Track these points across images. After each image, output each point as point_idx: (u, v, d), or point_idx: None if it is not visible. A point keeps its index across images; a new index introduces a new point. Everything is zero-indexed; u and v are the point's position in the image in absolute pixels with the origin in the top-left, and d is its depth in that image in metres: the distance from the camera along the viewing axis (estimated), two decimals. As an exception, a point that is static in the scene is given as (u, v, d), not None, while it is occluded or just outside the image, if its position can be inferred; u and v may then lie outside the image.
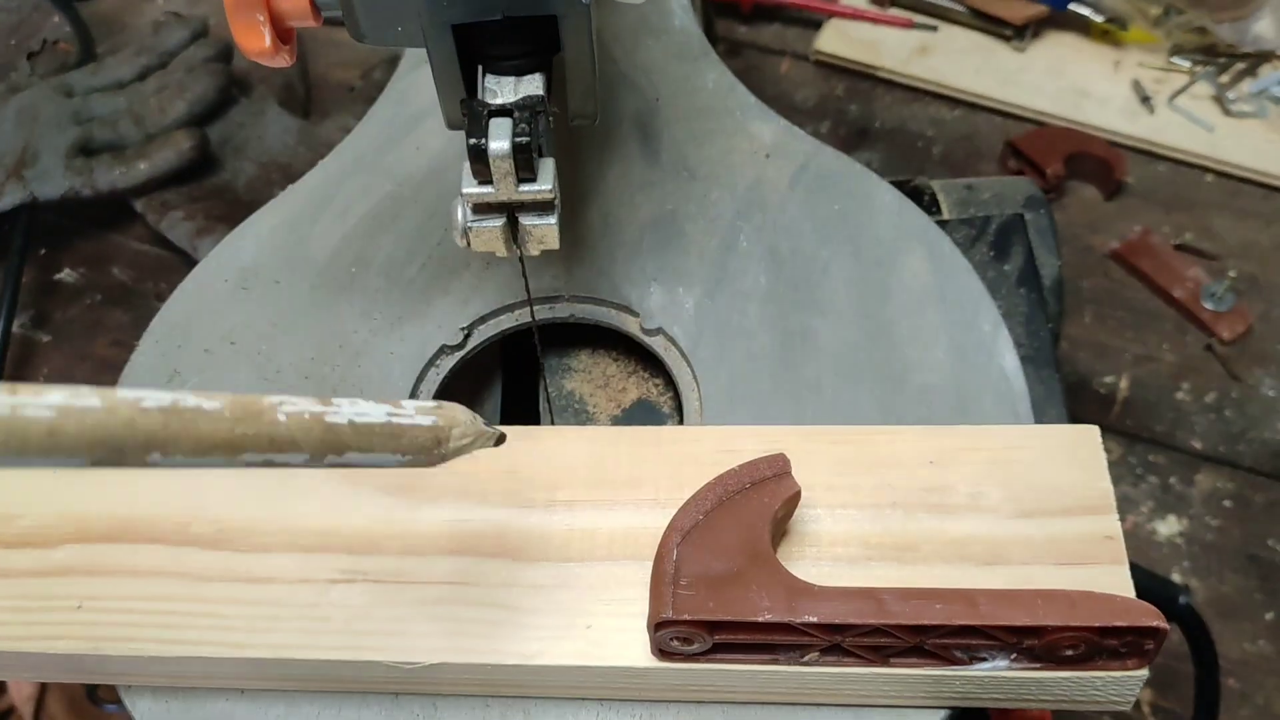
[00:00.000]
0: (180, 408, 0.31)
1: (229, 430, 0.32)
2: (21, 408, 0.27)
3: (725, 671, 0.45)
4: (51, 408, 0.28)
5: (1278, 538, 0.83)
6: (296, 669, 0.48)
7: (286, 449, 0.33)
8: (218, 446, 0.32)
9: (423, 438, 0.37)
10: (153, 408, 0.30)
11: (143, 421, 0.30)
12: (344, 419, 0.35)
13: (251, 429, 0.32)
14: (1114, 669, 0.44)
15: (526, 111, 0.46)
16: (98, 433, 0.29)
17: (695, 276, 0.62)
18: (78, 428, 0.28)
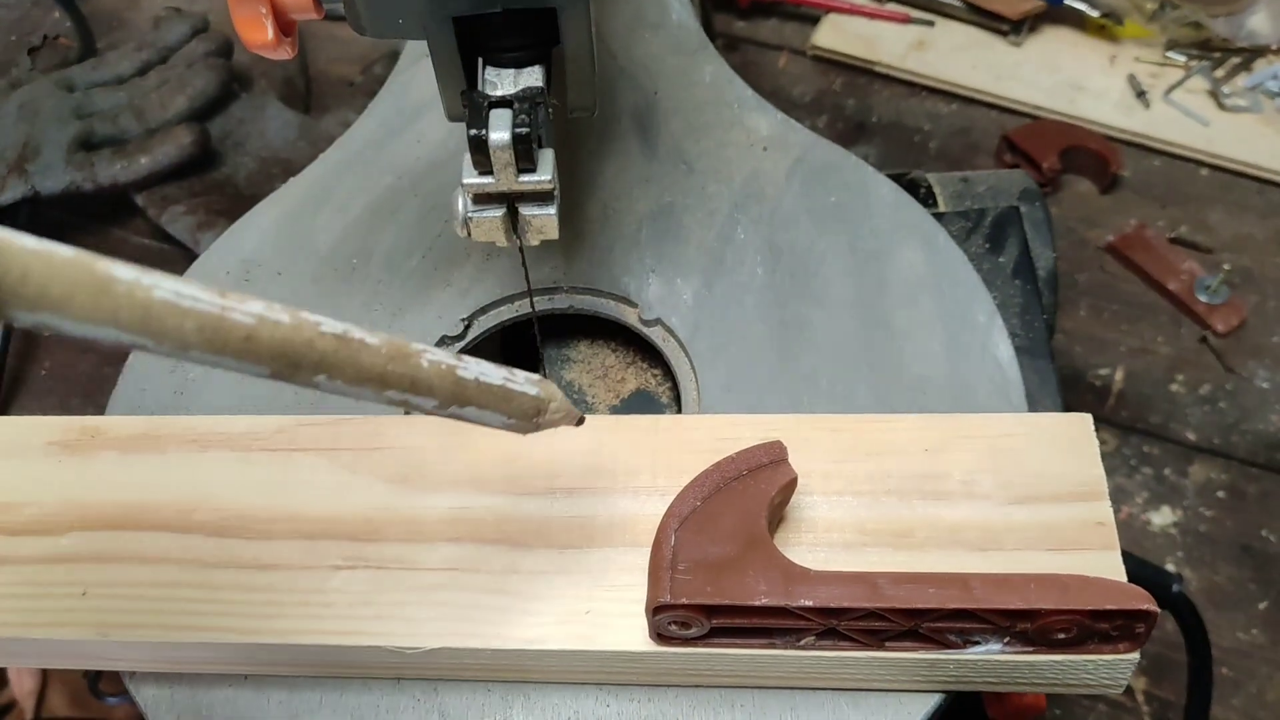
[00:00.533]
0: (349, 337, 0.33)
1: (383, 366, 0.34)
2: (229, 310, 0.30)
3: (723, 655, 0.46)
4: (252, 315, 0.30)
5: (1271, 528, 0.84)
6: (299, 654, 0.49)
7: (423, 392, 0.36)
8: (371, 379, 0.34)
9: (527, 405, 0.40)
10: (328, 333, 0.33)
11: (319, 343, 0.32)
12: (471, 375, 0.38)
13: (400, 368, 0.35)
14: (1106, 652, 0.45)
15: (526, 103, 0.47)
16: (283, 346, 0.31)
17: (693, 268, 0.63)
18: (269, 338, 0.31)
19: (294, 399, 0.59)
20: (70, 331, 0.27)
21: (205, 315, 0.29)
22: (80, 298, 0.27)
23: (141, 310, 0.28)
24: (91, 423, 0.56)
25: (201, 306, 0.29)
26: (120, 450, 0.54)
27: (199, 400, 0.60)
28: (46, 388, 0.94)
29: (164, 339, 0.29)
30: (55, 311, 0.27)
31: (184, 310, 0.29)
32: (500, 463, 0.52)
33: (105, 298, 0.27)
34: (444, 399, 0.37)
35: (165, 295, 0.28)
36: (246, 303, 0.30)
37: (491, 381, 0.39)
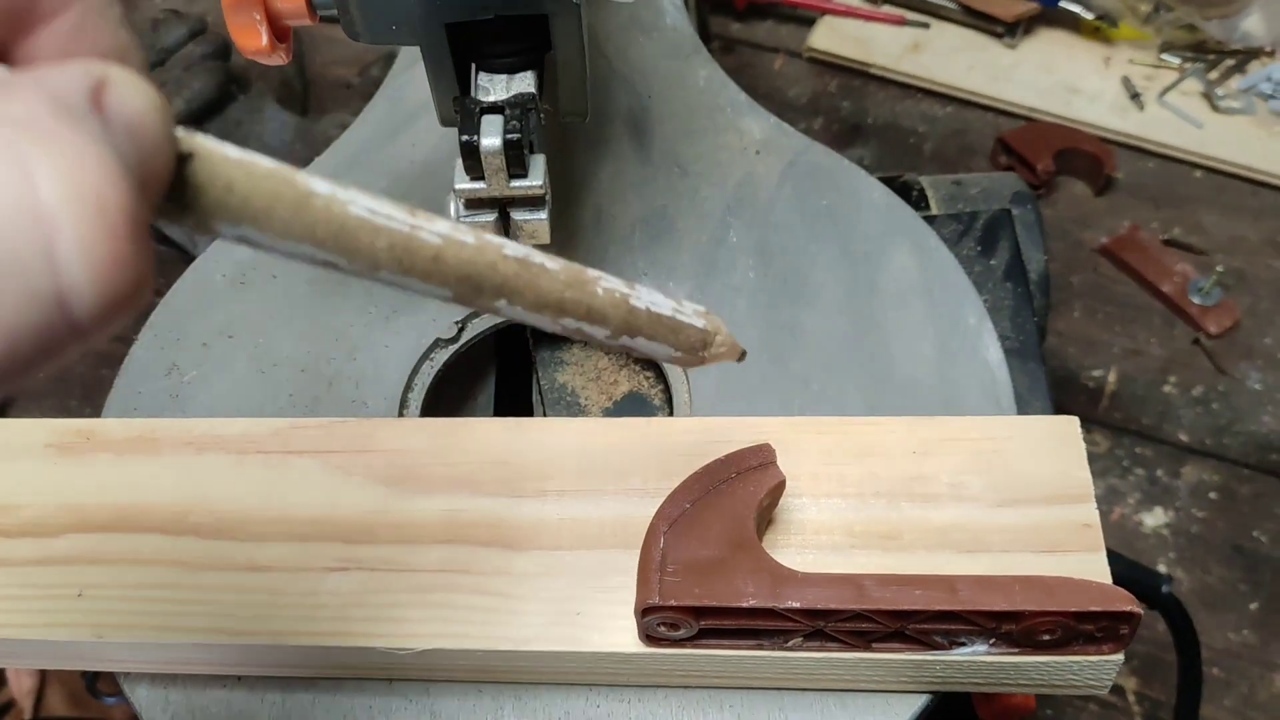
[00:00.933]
0: (530, 262, 0.33)
1: (560, 292, 0.34)
2: (418, 229, 0.29)
3: (711, 657, 0.46)
4: (439, 235, 0.30)
5: (1263, 529, 0.85)
6: (293, 656, 0.49)
7: (597, 320, 0.36)
8: (549, 305, 0.34)
9: (694, 337, 0.40)
10: (511, 256, 0.32)
11: (502, 266, 0.32)
12: (644, 305, 0.37)
13: (577, 295, 0.35)
14: (1090, 653, 0.45)
15: (518, 109, 0.47)
16: (467, 267, 0.31)
17: (686, 271, 0.63)
18: (455, 258, 0.30)
19: (288, 402, 0.60)
20: (269, 245, 0.27)
21: (396, 234, 0.29)
22: (280, 211, 0.27)
23: (338, 226, 0.28)
24: (87, 425, 0.56)
25: (394, 225, 0.29)
26: (116, 452, 0.55)
27: (194, 403, 0.60)
28: (45, 389, 0.94)
29: (357, 256, 0.29)
30: (256, 224, 0.27)
31: (376, 228, 0.28)
32: (492, 465, 0.53)
33: (304, 212, 0.27)
34: (616, 328, 0.37)
35: (360, 212, 0.28)
36: (434, 222, 0.30)
37: (662, 312, 0.38)
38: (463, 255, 0.31)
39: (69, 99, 0.21)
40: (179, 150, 0.25)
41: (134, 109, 0.22)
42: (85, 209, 0.19)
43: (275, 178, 0.27)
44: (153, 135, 0.22)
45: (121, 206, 0.20)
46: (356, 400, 0.60)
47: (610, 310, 0.36)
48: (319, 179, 0.28)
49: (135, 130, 0.22)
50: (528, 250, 0.33)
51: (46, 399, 0.93)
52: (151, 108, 0.22)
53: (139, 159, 0.22)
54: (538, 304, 0.34)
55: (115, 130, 0.21)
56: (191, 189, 0.25)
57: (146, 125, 0.22)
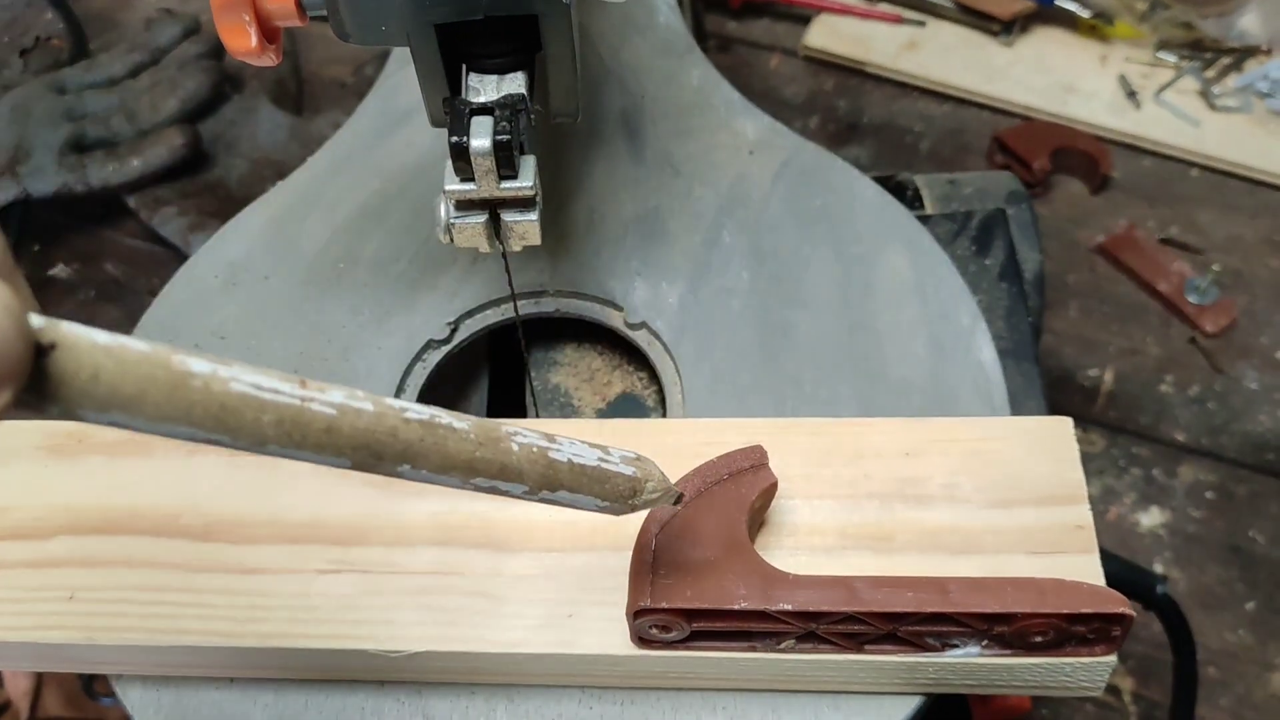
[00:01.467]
0: (436, 424, 0.32)
1: (470, 453, 0.33)
2: (309, 401, 0.28)
3: (704, 659, 0.46)
4: (333, 406, 0.29)
5: (1259, 529, 0.84)
6: (285, 658, 0.49)
7: (512, 478, 0.34)
8: (458, 467, 0.33)
9: (622, 486, 0.38)
10: (414, 419, 0.31)
11: (404, 432, 0.31)
12: (565, 457, 0.36)
13: (489, 454, 0.33)
14: (1083, 655, 0.45)
15: (508, 110, 0.47)
16: (364, 436, 0.30)
17: (679, 271, 0.63)
18: (351, 428, 0.29)
19: (281, 403, 0.59)
20: (143, 429, 0.26)
21: (284, 408, 0.28)
22: (153, 395, 0.26)
23: (218, 406, 0.27)
24: (79, 427, 0.56)
25: (281, 399, 0.28)
26: (108, 455, 0.55)
27: (186, 404, 0.60)
28: (39, 389, 0.94)
29: (240, 434, 0.27)
30: (126, 411, 0.26)
31: (262, 403, 0.27)
32: (484, 467, 0.53)
33: (180, 393, 0.26)
34: (534, 484, 0.35)
35: (242, 389, 0.27)
36: (327, 392, 0.29)
37: (585, 463, 0.37)
38: (359, 424, 0.30)
39: None
40: (38, 342, 0.24)
41: None
42: None
43: (148, 362, 0.26)
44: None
45: None
46: (349, 401, 0.59)
47: (527, 466, 0.35)
48: (198, 359, 0.27)
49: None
50: (433, 411, 0.32)
51: (41, 400, 0.93)
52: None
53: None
54: (444, 466, 0.32)
55: None
56: (53, 381, 0.25)
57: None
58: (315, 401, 0.29)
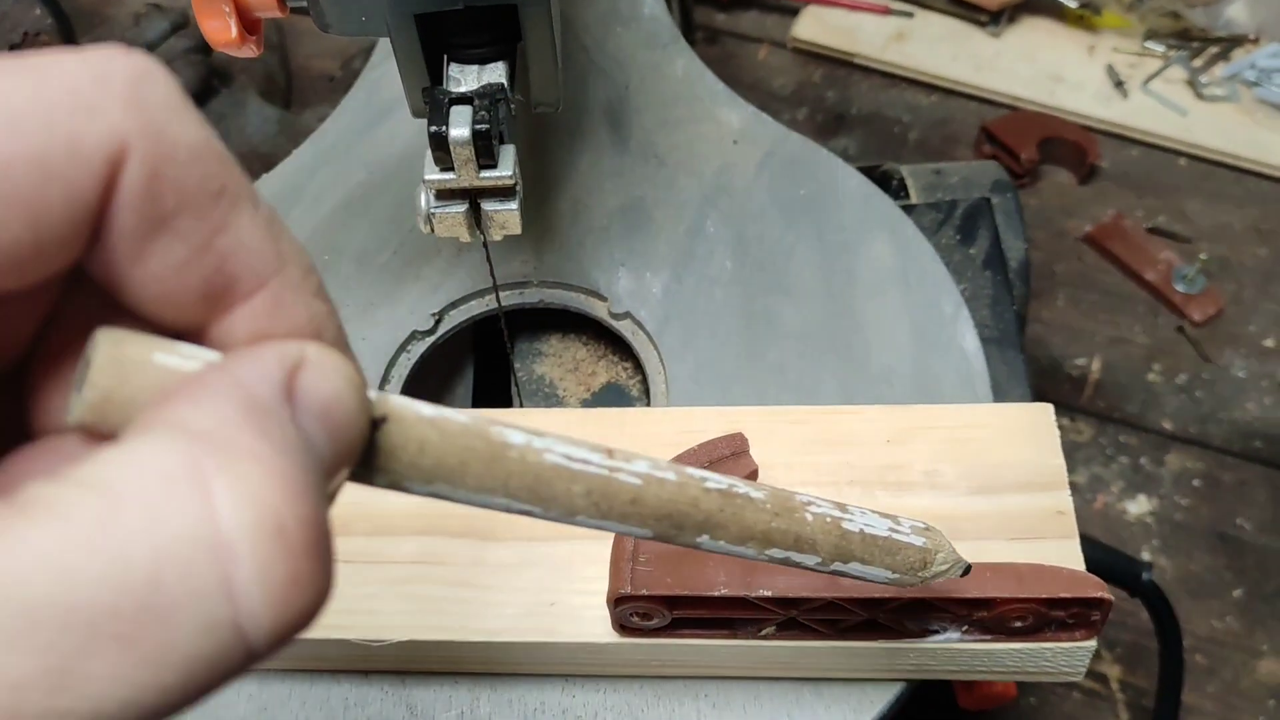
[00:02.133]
0: (734, 494, 0.31)
1: (767, 523, 0.32)
2: (617, 471, 0.28)
3: (685, 646, 0.46)
4: (639, 476, 0.28)
5: (1246, 516, 0.85)
6: (269, 648, 0.49)
7: (806, 550, 0.34)
8: (754, 537, 0.32)
9: (912, 558, 0.37)
10: (714, 489, 0.30)
11: (705, 502, 0.30)
12: (857, 527, 0.35)
13: (784, 524, 0.33)
14: (1063, 640, 0.45)
15: (487, 99, 0.47)
16: (668, 507, 0.29)
17: (663, 261, 0.63)
18: (655, 499, 0.29)
19: (265, 394, 0.60)
20: (458, 499, 0.26)
21: (594, 479, 0.27)
22: (474, 466, 0.25)
23: (533, 477, 0.26)
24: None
25: (591, 470, 0.27)
26: (91, 447, 0.55)
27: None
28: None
29: (553, 504, 0.27)
30: (450, 482, 0.25)
31: (573, 474, 0.27)
32: (467, 456, 0.53)
33: (498, 465, 0.26)
34: (828, 555, 0.34)
35: (556, 459, 0.27)
36: (633, 461, 0.29)
37: (877, 533, 0.36)
38: (663, 495, 0.29)
39: (261, 395, 0.20)
40: (372, 416, 0.24)
41: (328, 392, 0.22)
42: (264, 533, 0.19)
43: (469, 433, 0.26)
44: (346, 414, 0.22)
45: (302, 523, 0.19)
46: (333, 393, 0.59)
47: (821, 537, 0.34)
48: (514, 429, 0.26)
49: (329, 414, 0.21)
50: (731, 481, 0.31)
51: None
52: (347, 386, 0.22)
53: (330, 443, 0.22)
54: (742, 537, 0.32)
55: (308, 418, 0.21)
56: (384, 454, 0.24)
57: (341, 406, 0.22)
58: (622, 472, 0.28)
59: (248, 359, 0.21)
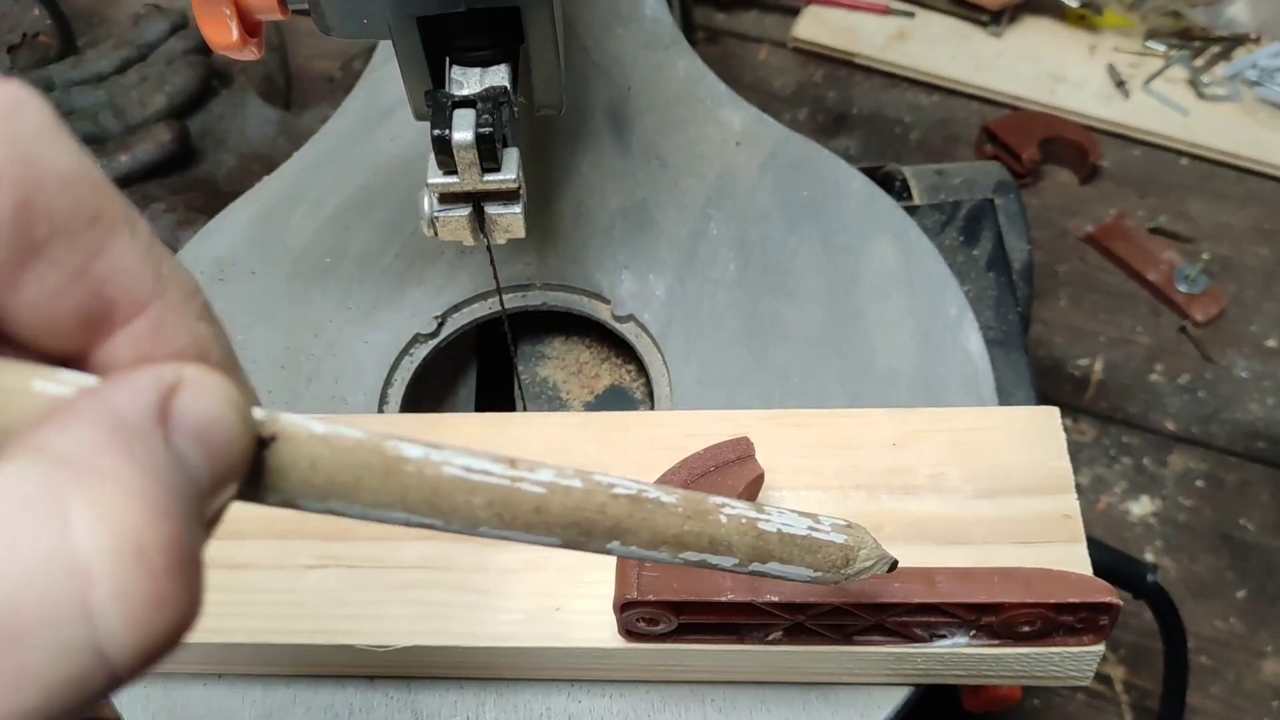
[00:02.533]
0: (644, 498, 0.31)
1: (679, 526, 0.32)
2: (519, 481, 0.28)
3: (692, 651, 0.46)
4: (542, 485, 0.28)
5: (1249, 517, 0.85)
6: (273, 653, 0.49)
7: (722, 551, 0.34)
8: (666, 541, 0.32)
9: (834, 555, 0.37)
10: (622, 495, 0.31)
11: (613, 508, 0.30)
12: (774, 527, 0.35)
13: (697, 527, 0.33)
14: (1071, 644, 0.45)
15: (489, 102, 0.47)
16: (574, 514, 0.29)
17: (666, 264, 0.63)
18: (560, 507, 0.29)
19: (268, 399, 0.59)
20: (358, 515, 0.26)
21: (495, 489, 0.27)
22: (369, 481, 0.26)
23: (431, 489, 0.27)
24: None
25: (492, 480, 0.27)
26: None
27: (173, 400, 0.60)
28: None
29: (454, 517, 0.27)
30: (344, 498, 0.26)
31: (473, 486, 0.27)
32: (471, 461, 0.52)
33: (394, 479, 0.26)
34: (744, 556, 0.35)
35: (455, 472, 0.27)
36: (536, 470, 0.29)
37: (795, 532, 0.36)
38: (568, 503, 0.29)
39: (130, 417, 0.20)
40: (260, 435, 0.24)
41: (205, 413, 0.22)
42: (122, 555, 0.19)
43: (363, 448, 0.26)
44: (225, 434, 0.22)
45: (164, 545, 0.19)
46: (336, 396, 0.59)
47: (736, 539, 0.34)
48: (412, 443, 0.27)
49: (206, 434, 0.22)
50: (640, 487, 0.31)
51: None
52: (227, 406, 0.22)
53: (209, 463, 0.22)
54: (654, 541, 0.32)
55: (183, 439, 0.21)
56: (274, 472, 0.25)
57: (220, 426, 0.22)
58: (525, 481, 0.28)
59: (122, 382, 0.21)
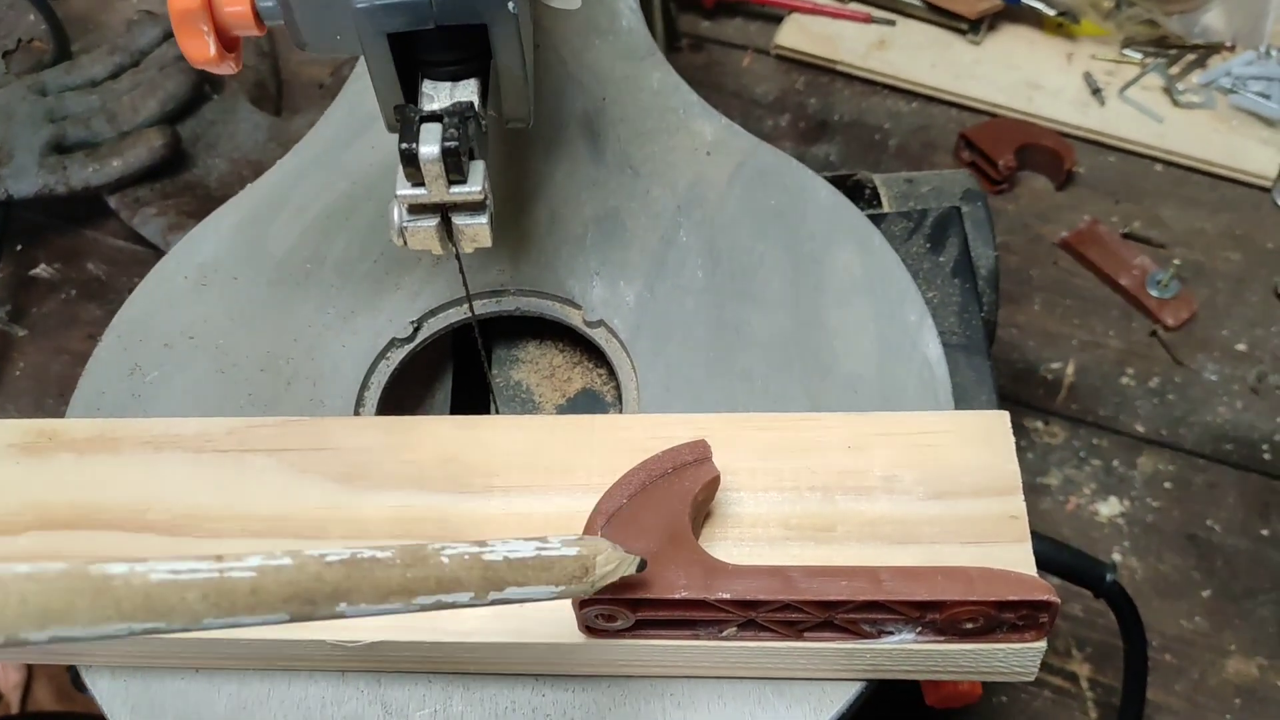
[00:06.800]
0: (358, 559, 0.33)
1: (401, 576, 0.34)
2: (227, 571, 0.30)
3: (649, 647, 0.48)
4: (251, 568, 0.30)
5: (1216, 518, 0.86)
6: (247, 649, 0.50)
7: (453, 588, 0.35)
8: (394, 592, 0.34)
9: (571, 568, 0.39)
10: (335, 561, 0.32)
11: (328, 574, 0.32)
12: (499, 556, 0.37)
13: (420, 573, 0.34)
14: (1014, 641, 0.47)
15: (456, 117, 0.49)
16: (292, 588, 0.31)
17: (636, 270, 0.64)
18: (275, 584, 0.30)
19: (247, 401, 0.61)
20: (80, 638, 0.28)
21: (205, 583, 0.29)
22: (81, 603, 0.27)
23: (143, 597, 0.28)
24: (49, 425, 0.57)
25: (200, 575, 0.29)
26: (77, 452, 0.56)
27: (156, 403, 0.61)
28: (22, 388, 0.95)
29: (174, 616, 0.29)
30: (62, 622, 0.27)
31: (184, 584, 0.29)
32: (442, 462, 0.54)
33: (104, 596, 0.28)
34: (478, 589, 0.36)
35: (162, 576, 0.29)
36: (244, 559, 0.30)
37: (523, 556, 0.38)
38: (282, 579, 0.31)
39: None
40: None
41: None
42: None
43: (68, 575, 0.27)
44: None
45: None
46: (314, 399, 0.61)
47: (464, 574, 0.36)
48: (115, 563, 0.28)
49: None
50: (354, 550, 0.33)
51: (24, 397, 0.94)
52: None
53: None
54: (381, 595, 0.33)
55: None
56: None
57: None
58: (233, 569, 0.30)
59: None
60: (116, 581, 0.28)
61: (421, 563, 0.35)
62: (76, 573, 0.28)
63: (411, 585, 0.34)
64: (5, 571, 0.27)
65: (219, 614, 0.30)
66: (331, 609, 0.32)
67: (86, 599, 0.28)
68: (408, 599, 0.34)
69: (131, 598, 0.28)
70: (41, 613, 0.27)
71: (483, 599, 0.37)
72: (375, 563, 0.33)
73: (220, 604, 0.30)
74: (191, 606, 0.29)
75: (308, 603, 0.32)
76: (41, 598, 0.27)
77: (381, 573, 0.33)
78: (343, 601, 0.32)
